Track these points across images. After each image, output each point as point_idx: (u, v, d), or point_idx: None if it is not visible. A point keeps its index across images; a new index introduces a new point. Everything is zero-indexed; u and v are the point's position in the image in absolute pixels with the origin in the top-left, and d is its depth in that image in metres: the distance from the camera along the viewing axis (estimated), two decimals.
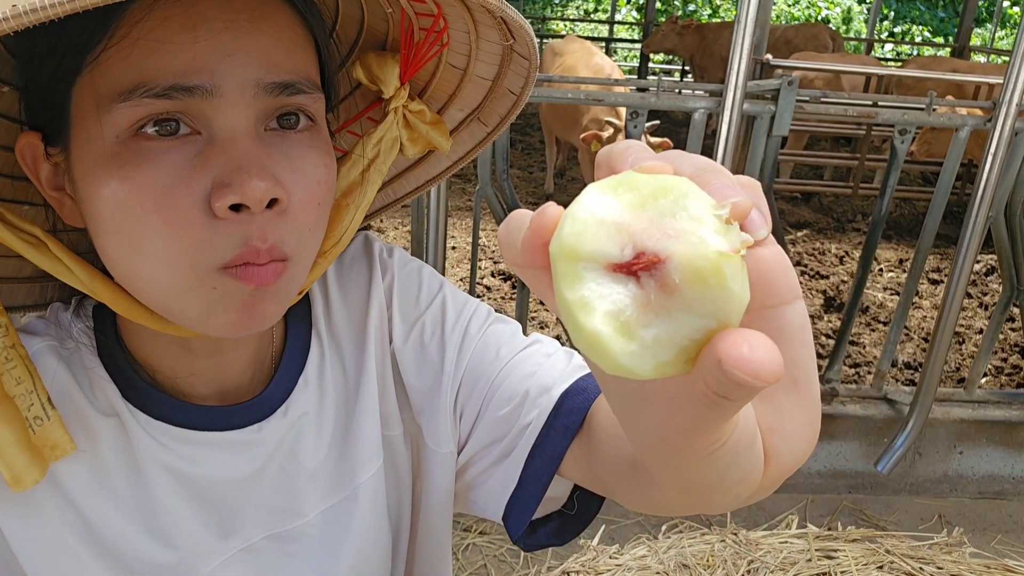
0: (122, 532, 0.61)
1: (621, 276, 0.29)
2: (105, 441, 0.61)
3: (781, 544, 2.26)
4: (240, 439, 0.64)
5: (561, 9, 16.81)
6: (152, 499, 0.62)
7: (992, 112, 2.33)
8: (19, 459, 0.54)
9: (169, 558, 0.63)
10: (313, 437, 0.69)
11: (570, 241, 0.29)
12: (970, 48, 8.92)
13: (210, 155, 0.51)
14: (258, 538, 0.67)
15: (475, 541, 2.48)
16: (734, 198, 0.30)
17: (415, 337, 0.72)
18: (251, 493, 0.66)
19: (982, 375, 2.96)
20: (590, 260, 0.29)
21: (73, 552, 0.59)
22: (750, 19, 2.03)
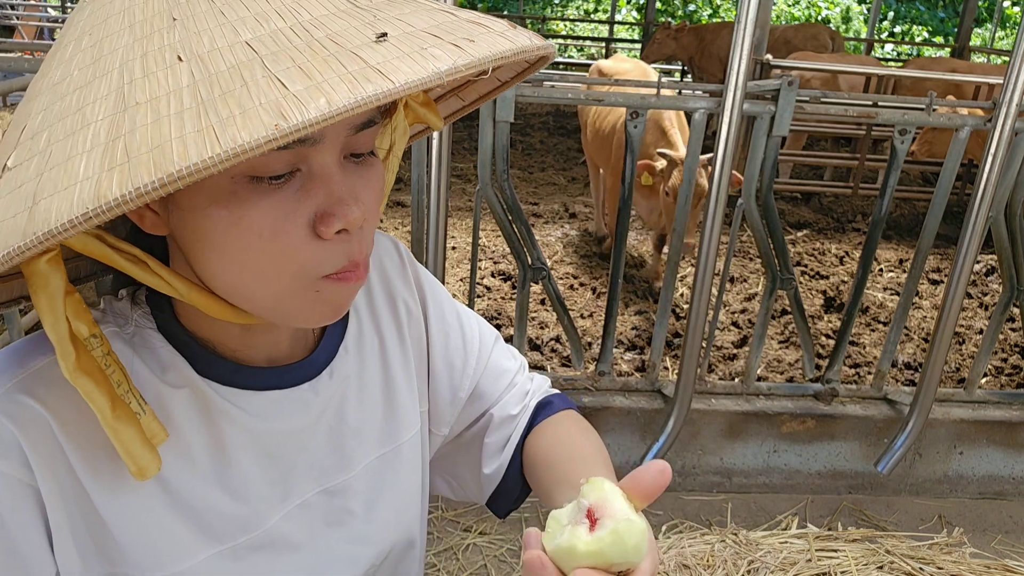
0: (198, 492, 0.68)
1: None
2: (178, 412, 0.67)
3: (781, 544, 2.26)
4: (296, 396, 0.73)
5: (561, 9, 16.81)
6: (225, 458, 0.69)
7: (992, 112, 2.33)
8: (143, 454, 0.60)
9: (240, 511, 0.70)
10: (356, 398, 0.79)
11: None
12: (970, 48, 8.92)
13: (311, 188, 0.59)
14: (311, 493, 0.75)
15: (475, 541, 2.48)
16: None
17: (443, 338, 0.88)
18: (306, 449, 0.74)
19: (982, 375, 2.96)
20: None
21: (158, 516, 0.66)
22: (750, 19, 2.03)
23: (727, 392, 2.86)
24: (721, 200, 2.29)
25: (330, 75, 0.47)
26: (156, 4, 0.53)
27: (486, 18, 0.59)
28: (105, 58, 0.52)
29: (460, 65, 0.49)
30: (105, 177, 0.44)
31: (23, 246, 0.45)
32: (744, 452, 2.85)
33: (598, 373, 2.81)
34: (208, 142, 0.44)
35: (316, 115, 0.44)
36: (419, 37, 0.51)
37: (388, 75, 0.47)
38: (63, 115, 0.51)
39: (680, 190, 2.57)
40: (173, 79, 0.48)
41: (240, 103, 0.45)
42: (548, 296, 2.68)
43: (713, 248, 2.34)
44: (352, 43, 0.50)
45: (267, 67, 0.47)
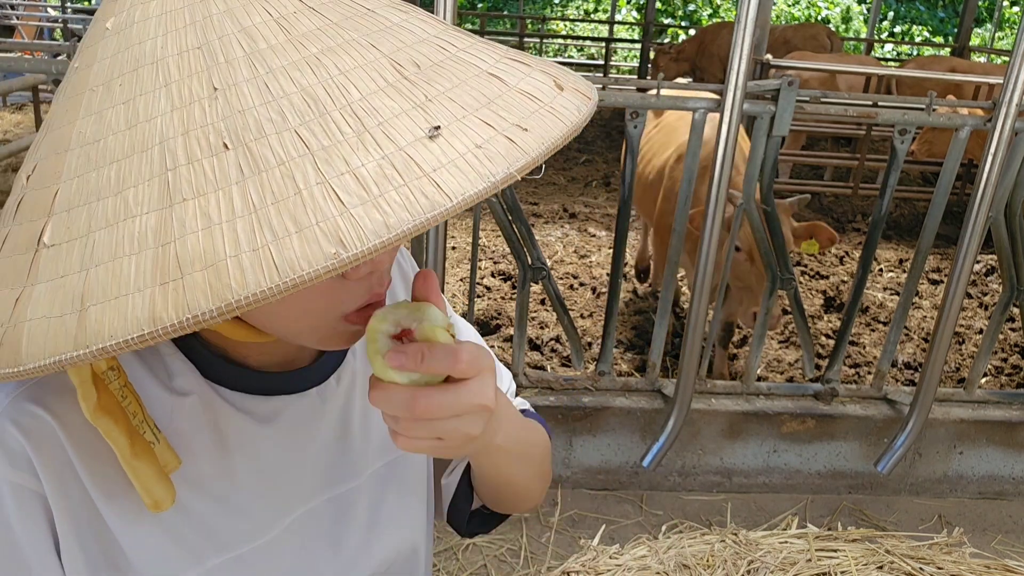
0: (204, 500, 0.67)
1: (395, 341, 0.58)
2: (185, 420, 0.67)
3: (781, 544, 2.26)
4: (303, 401, 0.73)
5: (561, 9, 16.81)
6: (231, 465, 0.69)
7: (992, 112, 2.33)
8: (158, 488, 0.60)
9: (246, 518, 0.70)
10: (363, 404, 0.78)
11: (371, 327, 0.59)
12: (970, 48, 8.92)
13: None
14: (319, 501, 0.75)
15: (475, 541, 2.48)
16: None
17: None
18: (313, 454, 0.74)
19: (982, 375, 2.96)
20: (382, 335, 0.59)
21: (164, 524, 0.65)
22: (750, 19, 2.03)
23: (727, 392, 2.86)
24: (721, 200, 2.29)
25: (386, 187, 0.45)
26: (192, 61, 0.51)
27: (533, 75, 0.57)
28: (142, 126, 0.49)
29: (514, 171, 0.48)
30: (159, 295, 0.43)
31: (75, 357, 0.44)
32: (744, 452, 2.85)
33: (598, 373, 2.81)
34: (266, 269, 0.43)
35: (375, 243, 0.43)
36: (471, 126, 0.50)
37: (443, 187, 0.46)
38: (101, 193, 0.48)
39: (680, 190, 2.57)
40: (220, 172, 0.46)
41: (295, 218, 0.44)
42: (548, 296, 2.68)
43: (713, 248, 2.34)
44: (404, 138, 0.48)
45: (320, 170, 0.46)
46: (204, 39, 0.51)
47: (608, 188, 6.79)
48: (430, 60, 0.54)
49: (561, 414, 2.73)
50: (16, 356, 0.46)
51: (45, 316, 0.46)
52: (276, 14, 0.52)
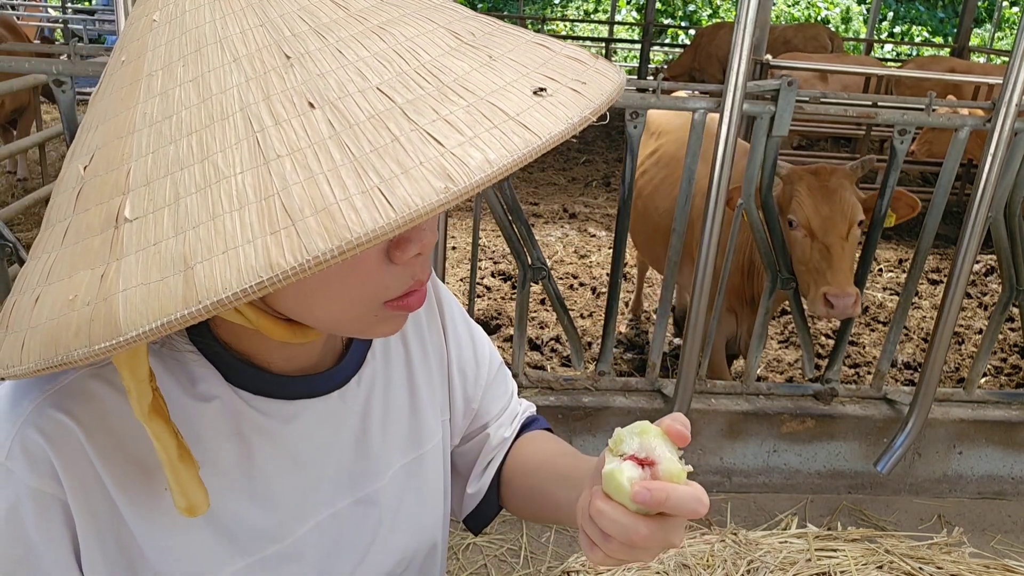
0: (227, 504, 0.68)
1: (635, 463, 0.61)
2: (207, 425, 0.67)
3: (781, 544, 2.26)
4: (326, 404, 0.73)
5: (561, 9, 16.81)
6: (253, 469, 0.69)
7: (991, 112, 2.33)
8: (197, 493, 0.61)
9: (269, 522, 0.70)
10: (383, 406, 0.79)
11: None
12: (969, 48, 8.93)
13: None
14: (344, 504, 0.76)
15: (475, 541, 2.49)
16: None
17: (457, 349, 0.89)
18: (336, 457, 0.75)
19: (981, 375, 2.96)
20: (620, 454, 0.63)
21: (187, 529, 0.66)
22: (750, 19, 2.03)
23: (727, 392, 2.87)
24: (721, 200, 2.29)
25: (479, 129, 0.47)
26: (258, 37, 0.51)
27: (570, 49, 0.61)
28: (217, 98, 0.49)
29: (588, 114, 0.51)
30: (272, 243, 0.43)
31: (187, 315, 0.43)
32: (744, 452, 2.85)
33: (598, 373, 2.81)
34: (379, 207, 0.43)
35: (481, 176, 0.44)
36: (537, 81, 0.52)
37: (532, 127, 0.48)
38: (184, 163, 0.48)
39: (680, 190, 2.57)
40: (311, 129, 0.46)
41: (399, 161, 0.45)
42: (548, 296, 2.69)
43: (713, 248, 2.34)
44: (482, 89, 0.50)
45: (411, 119, 0.47)
46: (265, 17, 0.52)
47: (608, 188, 6.79)
48: (483, 32, 0.57)
49: (561, 414, 2.73)
50: (113, 328, 0.45)
51: (142, 283, 0.45)
52: None
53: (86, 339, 0.46)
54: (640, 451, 0.61)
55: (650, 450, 0.61)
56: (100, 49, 5.25)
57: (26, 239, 4.31)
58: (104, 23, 11.93)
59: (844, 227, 2.41)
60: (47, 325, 0.48)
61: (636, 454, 0.61)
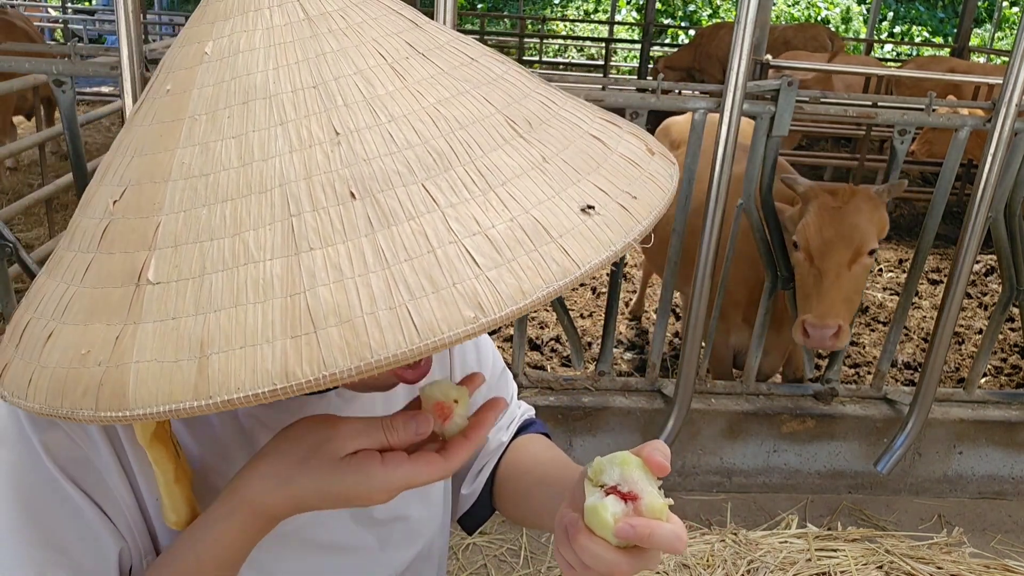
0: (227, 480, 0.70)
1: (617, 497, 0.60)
2: None
3: (781, 544, 2.26)
4: (323, 403, 0.74)
5: (561, 9, 16.81)
6: (253, 451, 0.70)
7: (991, 112, 2.33)
8: (186, 511, 0.63)
9: None
10: (383, 407, 0.79)
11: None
12: (969, 49, 8.92)
13: None
14: None
15: (475, 541, 2.49)
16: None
17: (460, 350, 0.89)
18: None
19: (982, 375, 2.96)
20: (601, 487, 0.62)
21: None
22: (750, 19, 2.03)
23: (727, 392, 2.87)
24: (721, 200, 2.29)
25: (518, 251, 0.45)
26: (309, 100, 0.49)
27: (626, 138, 0.58)
28: (259, 165, 0.47)
29: (631, 240, 0.49)
30: (291, 349, 0.42)
31: (196, 407, 0.42)
32: (744, 452, 2.85)
33: (598, 373, 2.81)
34: (404, 329, 0.41)
35: (512, 309, 0.43)
36: (586, 190, 0.50)
37: (571, 254, 0.46)
38: (215, 232, 0.46)
39: (680, 190, 2.57)
40: (348, 223, 0.45)
41: (431, 277, 0.43)
42: None
43: (712, 248, 2.34)
44: (529, 200, 0.47)
45: (451, 228, 0.45)
46: (320, 78, 0.50)
47: None
48: (539, 118, 0.54)
49: (561, 414, 2.73)
50: (121, 400, 0.44)
51: (156, 360, 0.44)
52: (390, 59, 0.52)
53: (93, 402, 0.45)
54: (622, 483, 0.61)
55: (632, 483, 0.61)
56: (100, 49, 5.25)
57: (26, 239, 4.31)
58: (104, 23, 11.94)
59: (846, 255, 2.25)
60: (57, 371, 0.47)
61: (619, 487, 0.61)
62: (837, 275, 2.25)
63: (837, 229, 2.25)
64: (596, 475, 0.62)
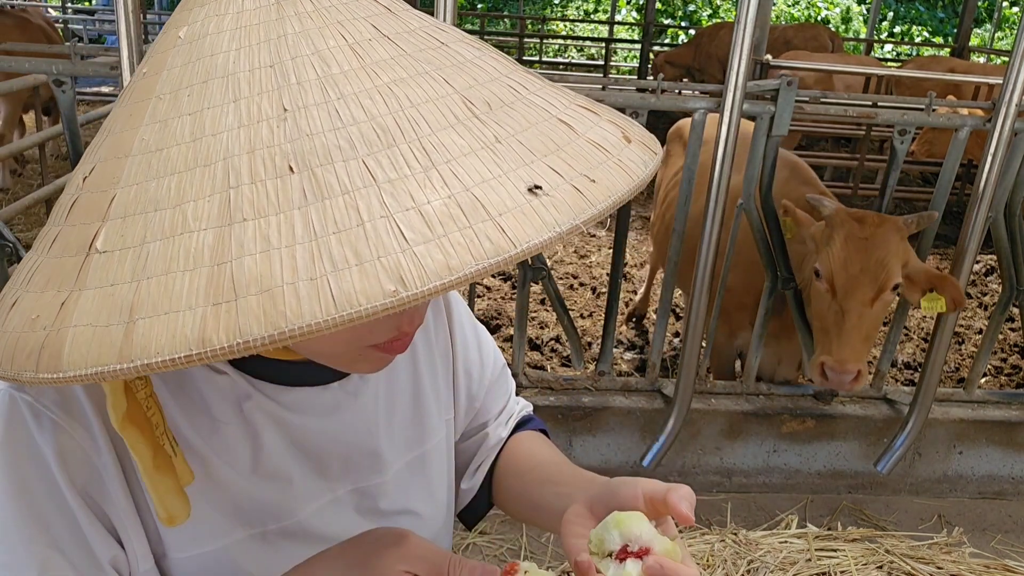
0: (233, 475, 0.69)
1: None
2: (218, 396, 0.68)
3: (781, 544, 2.26)
4: (327, 394, 0.74)
5: (561, 9, 16.81)
6: (259, 446, 0.70)
7: (991, 112, 2.33)
8: (175, 503, 0.61)
9: (272, 498, 0.72)
10: (387, 401, 0.80)
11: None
12: (969, 49, 8.93)
13: None
14: (344, 491, 0.77)
15: (475, 541, 2.49)
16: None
17: (463, 348, 0.89)
18: (339, 447, 0.75)
19: (982, 375, 2.96)
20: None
21: (195, 498, 0.67)
22: (750, 19, 2.03)
23: (727, 392, 2.87)
24: (720, 200, 2.29)
25: (451, 227, 0.44)
26: (264, 79, 0.50)
27: (601, 124, 0.56)
28: (207, 140, 0.48)
29: (579, 223, 0.47)
30: (211, 316, 0.42)
31: (119, 370, 0.43)
32: (744, 452, 2.85)
33: (598, 373, 2.81)
34: (322, 300, 0.41)
35: (436, 285, 0.42)
36: (539, 171, 0.48)
37: (508, 233, 0.44)
38: (159, 203, 0.47)
39: (680, 190, 2.57)
40: (283, 195, 0.45)
41: (356, 250, 0.43)
42: (548, 296, 2.69)
43: (712, 248, 2.34)
44: (472, 178, 0.46)
45: (384, 203, 0.44)
46: (278, 58, 0.50)
47: None
48: (501, 100, 0.53)
49: (561, 414, 2.73)
50: (57, 362, 0.45)
51: (91, 324, 0.45)
52: (351, 39, 0.52)
53: (34, 364, 0.46)
54: (630, 543, 0.61)
55: (637, 539, 0.61)
56: (100, 49, 5.25)
57: (26, 239, 4.31)
58: (104, 23, 11.93)
59: (871, 292, 2.17)
60: (11, 336, 0.48)
61: (628, 547, 0.61)
62: (860, 315, 2.18)
63: (864, 264, 2.18)
64: (598, 546, 0.63)
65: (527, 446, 0.93)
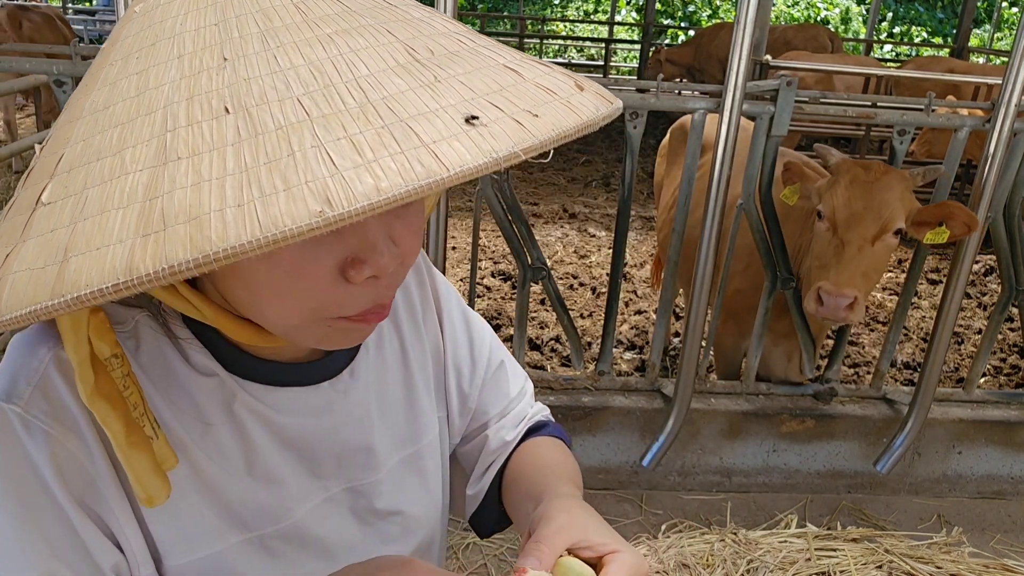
0: (227, 479, 0.69)
1: None
2: (207, 398, 0.68)
3: (781, 544, 2.26)
4: (317, 394, 0.73)
5: (561, 10, 16.82)
6: (251, 447, 0.70)
7: (991, 112, 2.33)
8: (153, 482, 0.60)
9: (267, 500, 0.71)
10: (378, 399, 0.79)
11: None
12: (969, 49, 8.93)
13: (344, 230, 0.56)
14: (337, 489, 0.76)
15: (475, 541, 2.49)
16: None
17: (453, 345, 0.88)
18: (331, 446, 0.75)
19: (981, 375, 2.96)
20: None
21: (188, 500, 0.67)
22: (750, 19, 2.04)
23: (727, 392, 2.87)
24: (720, 200, 2.29)
25: (381, 153, 0.44)
26: (208, 36, 0.51)
27: (553, 74, 0.56)
28: (150, 92, 0.49)
29: (519, 150, 0.46)
30: (139, 246, 0.43)
31: (50, 307, 0.43)
32: (744, 452, 2.85)
33: (598, 373, 2.82)
34: (248, 223, 0.42)
35: (364, 204, 0.42)
36: (480, 107, 0.48)
37: (441, 158, 0.44)
38: (101, 154, 0.48)
39: (680, 190, 2.58)
40: (218, 133, 0.46)
41: (285, 177, 0.43)
42: (548, 296, 2.69)
43: (712, 248, 2.35)
44: (408, 111, 0.46)
45: (316, 135, 0.45)
46: (222, 16, 0.52)
47: (608, 188, 6.80)
48: (446, 50, 0.53)
49: (561, 414, 2.73)
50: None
51: (28, 268, 0.46)
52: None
53: None
54: None
55: None
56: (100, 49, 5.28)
57: None
58: (104, 23, 11.94)
59: (872, 229, 2.18)
60: None
61: None
62: (859, 248, 2.18)
63: (867, 203, 2.19)
64: None
65: (531, 454, 0.89)
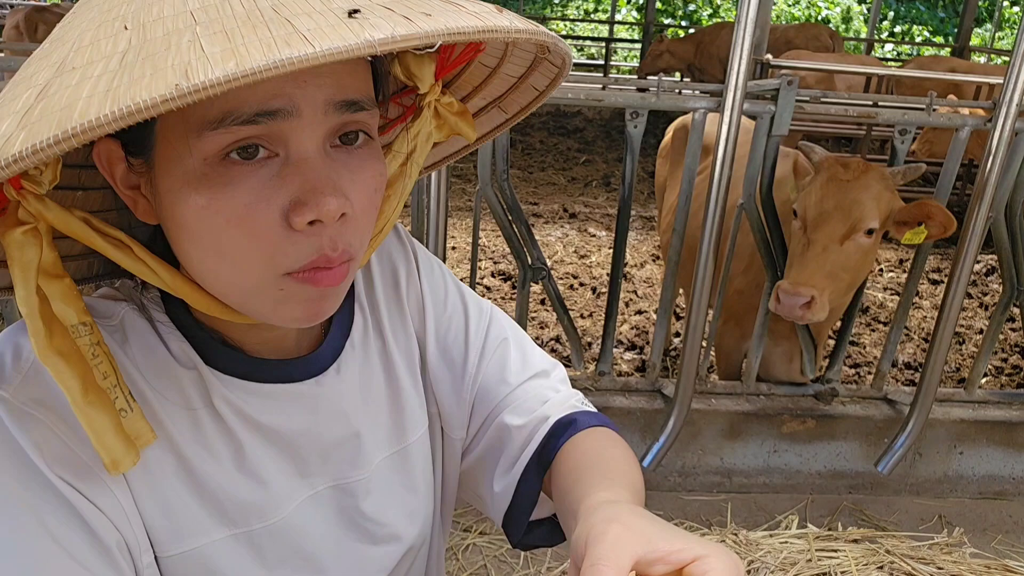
0: (214, 474, 0.68)
1: None
2: (191, 390, 0.68)
3: (781, 544, 2.26)
4: (301, 391, 0.72)
5: (561, 9, 16.82)
6: (236, 444, 0.69)
7: (992, 112, 2.32)
8: (116, 445, 0.59)
9: (254, 496, 0.71)
10: (364, 395, 0.78)
11: None
12: (970, 48, 8.93)
13: (287, 175, 0.57)
14: (323, 487, 0.75)
15: (475, 541, 2.48)
16: None
17: (443, 331, 0.84)
18: (317, 443, 0.74)
19: (982, 375, 2.96)
20: None
21: (177, 492, 0.67)
22: (750, 19, 2.03)
23: (727, 392, 2.86)
24: (721, 200, 2.28)
25: (251, 39, 0.45)
26: None
27: (481, 3, 0.55)
28: (69, 25, 0.54)
29: (398, 36, 0.45)
30: (15, 136, 0.45)
31: None
32: (744, 452, 2.85)
33: (598, 373, 2.81)
34: (109, 102, 0.43)
35: (220, 75, 0.42)
36: (370, 9, 0.48)
37: (311, 41, 0.44)
38: (17, 85, 0.52)
39: (680, 190, 2.57)
40: (112, 46, 0.48)
41: (155, 65, 0.45)
42: (548, 296, 2.68)
43: (712, 248, 2.34)
44: (292, 11, 0.47)
45: (196, 33, 0.47)
46: None
47: (608, 188, 6.79)
48: None
49: None
50: None
51: None
52: None
53: None
54: None
55: None
56: None
57: None
58: None
59: (839, 228, 2.16)
60: None
61: None
62: (825, 247, 2.16)
63: (837, 201, 2.17)
64: None
65: (569, 454, 0.78)
